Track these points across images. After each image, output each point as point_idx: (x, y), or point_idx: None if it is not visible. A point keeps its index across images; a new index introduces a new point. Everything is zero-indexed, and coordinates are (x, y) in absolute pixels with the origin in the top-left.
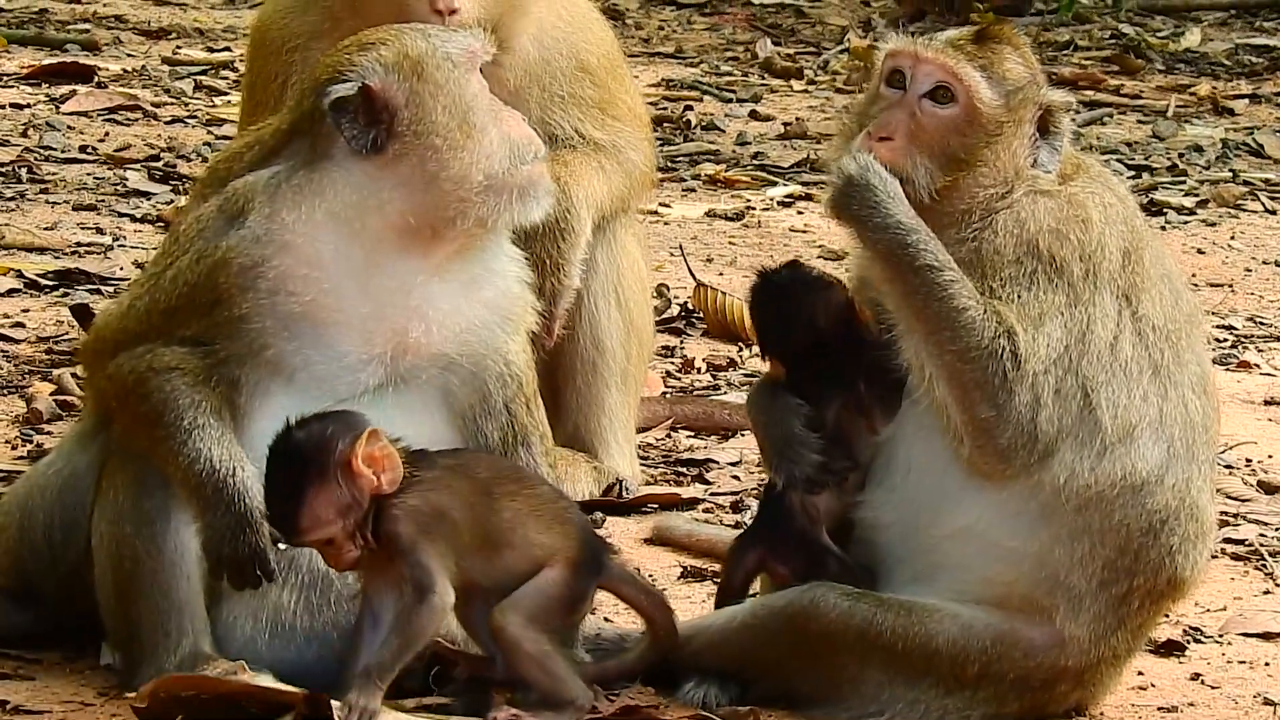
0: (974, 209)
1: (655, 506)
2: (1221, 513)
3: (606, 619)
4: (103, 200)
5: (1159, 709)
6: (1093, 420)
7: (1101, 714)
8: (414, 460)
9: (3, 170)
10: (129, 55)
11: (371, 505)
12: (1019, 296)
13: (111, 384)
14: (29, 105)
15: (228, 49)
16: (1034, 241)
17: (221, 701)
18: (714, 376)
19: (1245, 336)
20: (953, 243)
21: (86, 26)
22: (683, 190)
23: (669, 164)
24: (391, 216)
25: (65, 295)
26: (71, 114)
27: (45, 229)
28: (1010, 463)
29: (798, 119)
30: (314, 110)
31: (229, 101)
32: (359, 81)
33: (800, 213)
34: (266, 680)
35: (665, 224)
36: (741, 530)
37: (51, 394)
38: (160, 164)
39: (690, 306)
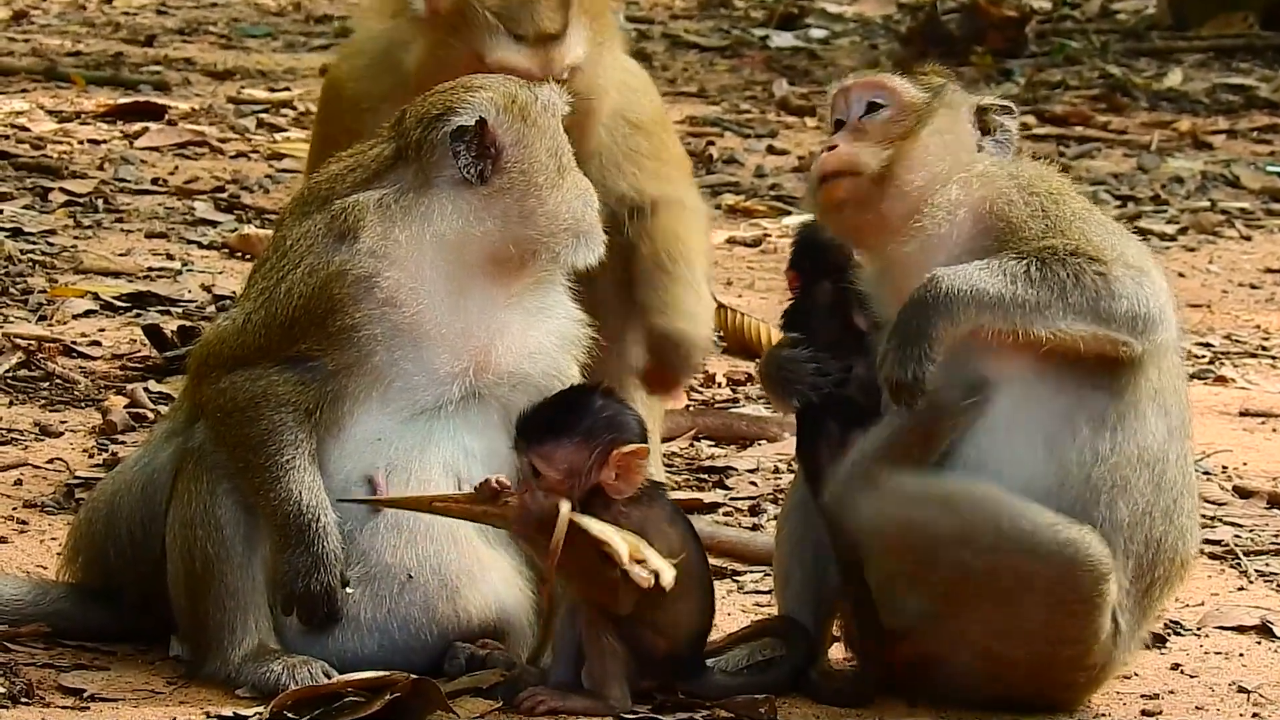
0: (933, 184)
1: None
2: (1200, 515)
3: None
4: (172, 228)
5: (1142, 696)
6: None
7: (1089, 701)
8: (650, 492)
9: (81, 200)
10: (197, 95)
11: (591, 490)
12: (1042, 224)
13: (221, 398)
14: (105, 141)
15: (287, 89)
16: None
17: (325, 695)
18: (733, 390)
19: (1222, 353)
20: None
21: (158, 68)
22: None
23: None
24: (489, 244)
25: (138, 316)
26: (144, 149)
27: (120, 255)
28: (1158, 326)
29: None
30: (424, 140)
31: (289, 137)
32: (477, 115)
33: None
34: (352, 674)
35: None
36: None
37: (125, 406)
38: (225, 195)
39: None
